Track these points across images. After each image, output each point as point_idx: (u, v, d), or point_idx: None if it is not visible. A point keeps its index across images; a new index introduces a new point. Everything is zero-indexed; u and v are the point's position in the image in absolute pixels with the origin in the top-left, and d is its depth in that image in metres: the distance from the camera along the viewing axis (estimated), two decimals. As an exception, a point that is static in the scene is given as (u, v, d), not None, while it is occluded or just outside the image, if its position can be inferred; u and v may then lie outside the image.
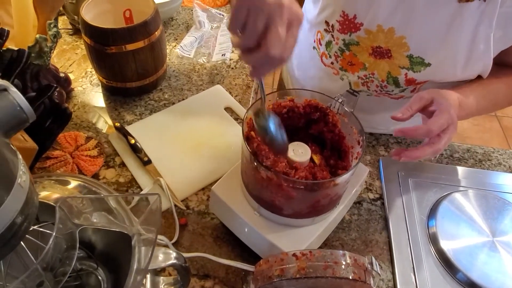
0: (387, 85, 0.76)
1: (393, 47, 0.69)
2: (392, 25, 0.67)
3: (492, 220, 0.69)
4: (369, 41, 0.71)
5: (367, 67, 0.75)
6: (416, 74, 0.71)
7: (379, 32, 0.68)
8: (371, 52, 0.72)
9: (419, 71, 0.70)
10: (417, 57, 0.68)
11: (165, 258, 0.47)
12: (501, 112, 2.50)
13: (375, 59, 0.73)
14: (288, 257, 0.49)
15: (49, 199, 0.47)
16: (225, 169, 0.65)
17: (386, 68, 0.73)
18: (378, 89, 0.78)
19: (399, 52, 0.69)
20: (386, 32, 0.68)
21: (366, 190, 0.76)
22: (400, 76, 0.73)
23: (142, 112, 0.88)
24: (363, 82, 0.79)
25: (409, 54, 0.69)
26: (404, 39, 0.67)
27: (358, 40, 0.72)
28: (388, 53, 0.70)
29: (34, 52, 0.72)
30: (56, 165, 0.73)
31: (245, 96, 0.94)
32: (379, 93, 0.79)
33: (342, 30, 0.73)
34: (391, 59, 0.71)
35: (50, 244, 0.37)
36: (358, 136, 0.57)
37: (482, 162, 0.84)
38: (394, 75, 0.73)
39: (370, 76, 0.76)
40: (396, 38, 0.68)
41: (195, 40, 1.06)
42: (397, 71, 0.72)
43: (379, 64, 0.73)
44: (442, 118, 0.59)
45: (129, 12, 0.90)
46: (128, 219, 0.47)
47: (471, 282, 0.62)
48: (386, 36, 0.68)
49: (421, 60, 0.68)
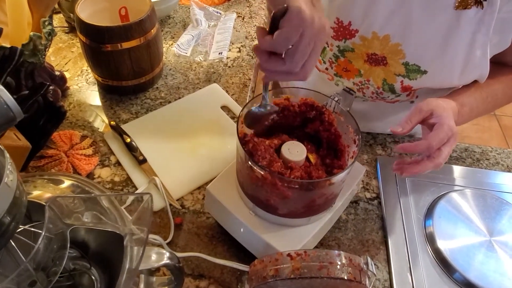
0: (382, 91, 0.75)
1: (388, 54, 0.68)
2: (387, 32, 0.66)
3: (489, 220, 0.68)
4: (364, 48, 0.70)
5: (363, 73, 0.74)
6: (412, 82, 0.70)
7: (374, 39, 0.67)
8: (366, 59, 0.71)
9: (415, 78, 0.69)
10: (413, 65, 0.68)
11: (158, 258, 0.46)
12: (500, 111, 2.49)
13: (370, 66, 0.72)
14: (283, 257, 0.49)
15: (41, 198, 0.47)
16: (221, 168, 0.65)
17: (382, 75, 0.72)
18: (373, 96, 0.78)
19: (394, 59, 0.68)
20: (382, 39, 0.67)
21: (363, 189, 0.76)
22: (396, 84, 0.72)
23: (138, 111, 0.88)
24: (358, 89, 0.78)
25: (404, 62, 0.68)
26: (400, 46, 0.66)
27: (353, 47, 0.71)
28: (383, 60, 0.69)
29: (28, 50, 0.71)
30: (51, 164, 0.73)
31: (242, 95, 0.93)
32: (374, 99, 0.79)
33: (336, 37, 0.72)
34: (386, 66, 0.70)
35: (40, 244, 0.36)
36: (354, 135, 0.56)
37: (480, 161, 0.83)
38: (390, 82, 0.72)
39: (365, 82, 0.75)
40: (392, 45, 0.67)
41: (192, 39, 1.06)
42: (392, 78, 0.71)
43: (375, 71, 0.72)
44: (442, 132, 0.58)
45: (125, 10, 0.90)
46: (120, 218, 0.46)
47: (468, 282, 0.61)
48: (382, 43, 0.67)
49: (417, 68, 0.68)
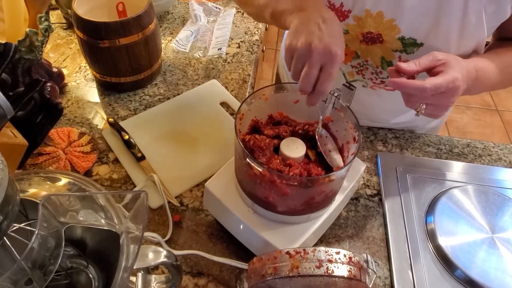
0: (382, 70, 0.75)
1: (383, 31, 0.68)
2: (380, 9, 0.66)
3: (491, 217, 0.68)
4: (359, 28, 0.70)
5: (360, 54, 0.74)
6: (409, 56, 0.70)
7: (368, 17, 0.67)
8: (362, 39, 0.71)
9: (412, 52, 0.69)
10: (408, 38, 0.67)
11: (155, 256, 0.46)
12: (502, 106, 2.48)
13: (366, 46, 0.72)
14: (282, 255, 0.48)
15: (36, 196, 0.46)
16: (220, 165, 0.64)
17: (379, 53, 0.72)
18: (373, 76, 0.77)
19: (390, 36, 0.68)
20: (375, 16, 0.66)
21: (363, 186, 0.75)
22: (394, 60, 0.72)
23: (136, 108, 0.87)
24: (357, 71, 0.78)
25: (400, 36, 0.68)
26: (394, 21, 0.66)
27: (347, 29, 0.71)
28: (379, 37, 0.69)
29: (25, 47, 0.70)
30: (49, 161, 0.72)
31: (241, 91, 0.92)
32: (374, 82, 0.78)
33: None
34: (383, 44, 0.70)
35: (33, 242, 0.36)
36: (354, 131, 0.55)
37: (482, 157, 0.82)
38: (388, 59, 0.72)
39: (364, 63, 0.75)
40: (386, 21, 0.67)
41: (191, 34, 1.05)
42: (390, 54, 0.71)
43: (372, 50, 0.72)
44: (441, 78, 0.55)
45: (122, 5, 0.89)
46: (117, 216, 0.46)
47: (470, 279, 0.60)
48: (375, 20, 0.67)
49: (413, 41, 0.67)
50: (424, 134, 0.86)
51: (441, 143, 0.84)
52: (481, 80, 0.62)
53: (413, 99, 0.57)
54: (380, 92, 0.80)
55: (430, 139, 0.85)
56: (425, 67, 0.58)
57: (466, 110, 2.44)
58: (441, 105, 0.58)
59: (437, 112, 0.58)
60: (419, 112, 0.58)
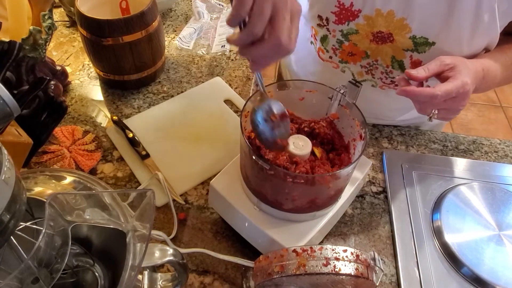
0: (392, 70, 0.74)
1: (394, 30, 0.67)
2: (391, 8, 0.65)
3: (498, 213, 0.67)
4: (369, 27, 0.69)
5: (370, 54, 0.73)
6: (421, 55, 0.69)
7: (378, 17, 0.67)
8: (372, 38, 0.70)
9: (423, 51, 0.68)
10: (420, 37, 0.67)
11: (161, 255, 0.46)
12: (506, 102, 2.46)
13: (377, 45, 0.71)
14: (288, 253, 0.48)
15: (42, 195, 0.46)
16: (225, 162, 0.64)
17: (390, 52, 0.71)
18: (383, 76, 0.76)
19: (401, 35, 0.67)
20: (386, 15, 0.66)
21: (369, 183, 0.75)
22: (405, 59, 0.71)
23: (140, 105, 0.87)
24: (367, 71, 0.77)
25: (412, 35, 0.67)
26: (405, 20, 0.65)
27: (357, 28, 0.70)
28: (390, 37, 0.68)
29: (28, 45, 0.70)
30: (53, 159, 0.72)
31: (245, 88, 0.92)
32: (384, 82, 0.77)
33: (339, 21, 0.71)
34: (393, 43, 0.69)
35: (40, 241, 0.36)
36: (360, 128, 0.55)
37: (488, 154, 0.82)
38: (399, 58, 0.71)
39: (373, 63, 0.74)
40: (397, 20, 0.66)
41: (194, 32, 1.04)
42: (401, 54, 0.70)
43: (382, 50, 0.71)
44: (452, 84, 0.55)
45: (126, 3, 0.88)
46: (123, 215, 0.46)
47: (477, 277, 0.60)
48: (386, 19, 0.66)
49: (425, 40, 0.67)
50: (430, 131, 0.86)
51: (446, 140, 0.84)
52: (487, 79, 0.63)
53: (424, 106, 0.59)
54: (388, 91, 0.79)
55: (435, 136, 0.84)
56: (434, 73, 0.58)
57: (470, 106, 2.42)
58: (453, 109, 0.59)
59: (449, 115, 0.60)
60: (431, 118, 0.59)
